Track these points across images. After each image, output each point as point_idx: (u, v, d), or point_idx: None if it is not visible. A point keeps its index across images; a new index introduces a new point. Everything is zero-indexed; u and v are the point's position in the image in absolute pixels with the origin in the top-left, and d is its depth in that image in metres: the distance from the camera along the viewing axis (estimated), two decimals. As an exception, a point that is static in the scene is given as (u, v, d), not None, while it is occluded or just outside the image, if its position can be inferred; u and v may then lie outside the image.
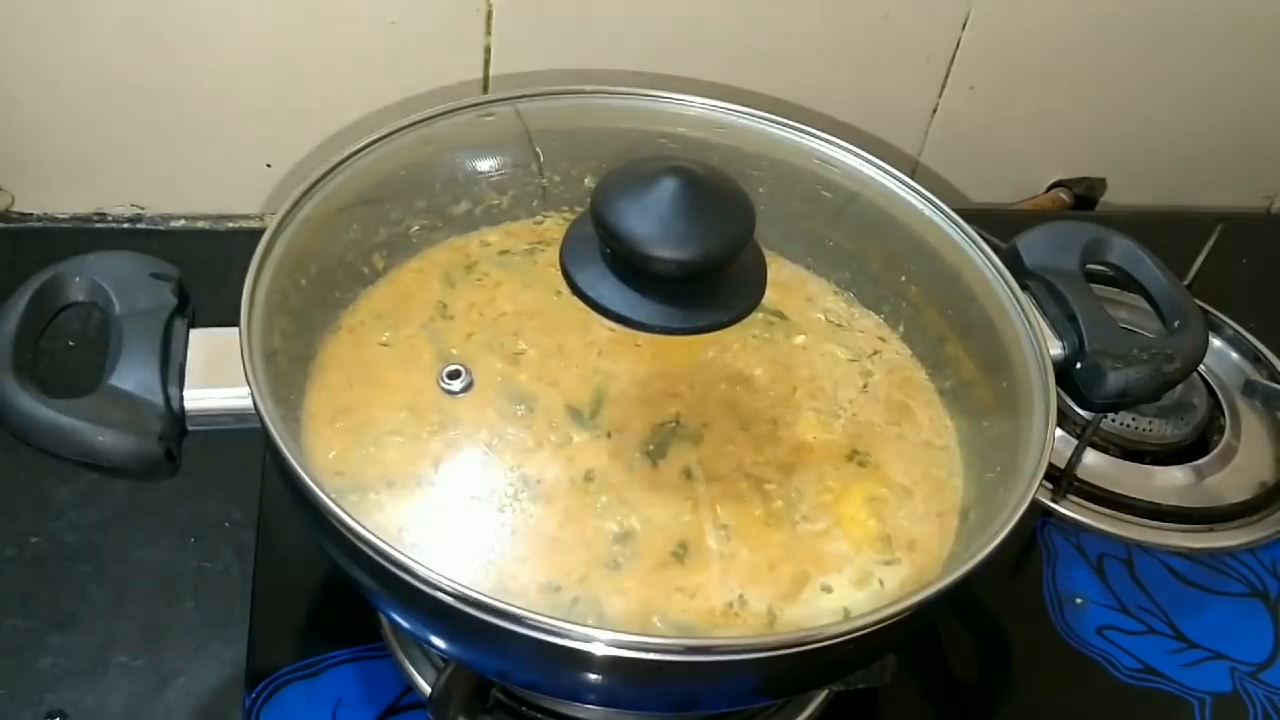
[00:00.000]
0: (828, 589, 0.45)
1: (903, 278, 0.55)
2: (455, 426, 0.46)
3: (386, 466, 0.45)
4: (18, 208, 0.76)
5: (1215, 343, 0.77)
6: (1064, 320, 0.52)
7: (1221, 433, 0.72)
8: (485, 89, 0.75)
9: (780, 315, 0.53)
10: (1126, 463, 0.70)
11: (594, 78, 0.76)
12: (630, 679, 0.42)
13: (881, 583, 0.45)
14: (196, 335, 0.46)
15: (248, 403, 0.44)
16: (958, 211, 0.55)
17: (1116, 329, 0.52)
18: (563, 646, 0.39)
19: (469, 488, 0.45)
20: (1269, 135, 0.92)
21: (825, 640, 0.40)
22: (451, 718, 0.48)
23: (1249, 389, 0.75)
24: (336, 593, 0.57)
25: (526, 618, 0.39)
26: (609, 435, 0.46)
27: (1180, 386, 0.68)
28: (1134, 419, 0.70)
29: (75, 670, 0.55)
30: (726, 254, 0.46)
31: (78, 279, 0.46)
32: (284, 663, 0.55)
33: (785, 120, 0.58)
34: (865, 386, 0.51)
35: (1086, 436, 0.67)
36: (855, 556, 0.46)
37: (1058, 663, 0.60)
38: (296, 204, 0.50)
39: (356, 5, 0.71)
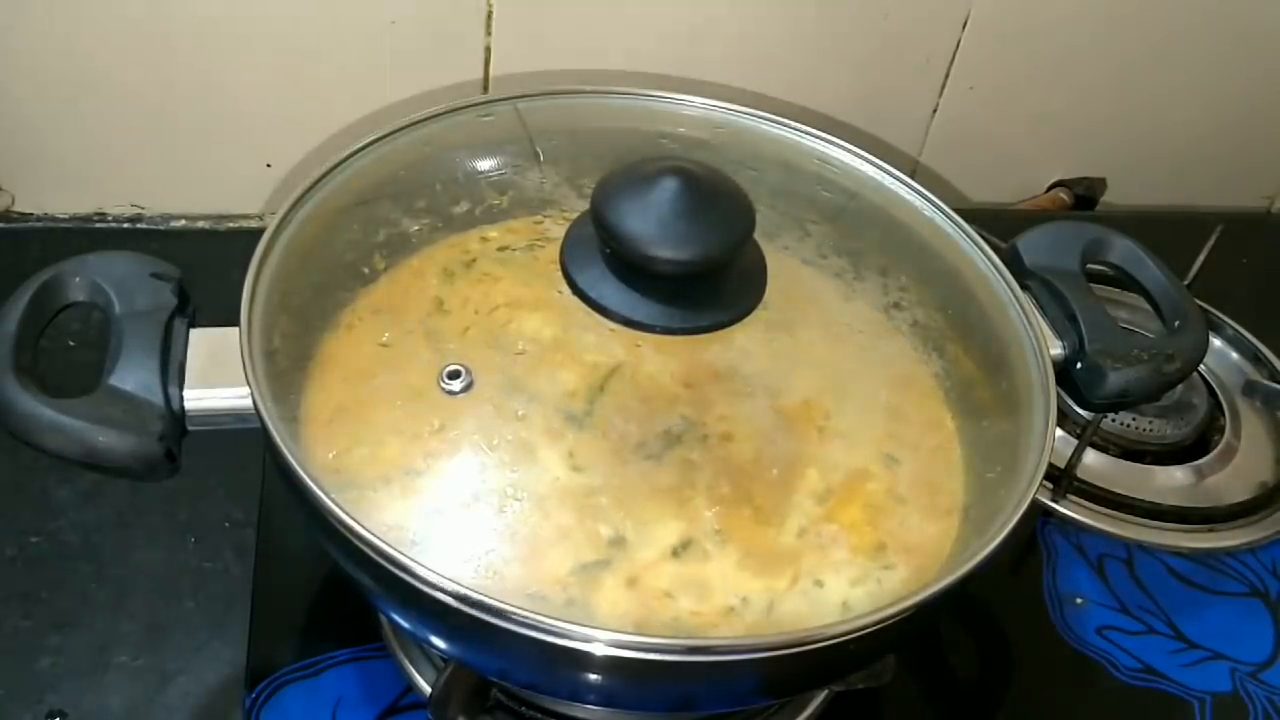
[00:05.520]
0: (827, 590, 0.45)
1: (903, 277, 0.55)
2: (454, 426, 0.46)
3: (386, 466, 0.45)
4: (18, 208, 0.76)
5: (1215, 343, 0.77)
6: (1064, 320, 0.52)
7: (1221, 433, 0.72)
8: (485, 89, 0.75)
9: (780, 315, 0.53)
10: (1126, 463, 0.70)
11: (594, 78, 0.76)
12: (630, 679, 0.42)
13: (881, 583, 0.45)
14: (196, 335, 0.46)
15: (248, 402, 0.44)
16: (958, 211, 0.55)
17: (1116, 329, 0.52)
18: (563, 646, 0.39)
19: (468, 487, 0.45)
20: (1269, 136, 0.92)
21: (825, 640, 0.40)
22: (451, 718, 0.48)
23: (1249, 389, 0.75)
24: (336, 593, 0.57)
25: (526, 618, 0.39)
26: (608, 436, 0.46)
27: (1180, 386, 0.68)
28: (1134, 419, 0.70)
29: (75, 670, 0.55)
30: (726, 254, 0.46)
31: (78, 279, 0.46)
32: (284, 663, 0.55)
33: (785, 120, 0.58)
34: (865, 386, 0.51)
35: (1086, 436, 0.67)
36: (855, 556, 0.46)
37: (1058, 663, 0.60)
38: (296, 204, 0.50)
39: (356, 5, 0.71)
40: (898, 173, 0.57)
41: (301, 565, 0.58)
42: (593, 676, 0.42)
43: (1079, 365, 0.52)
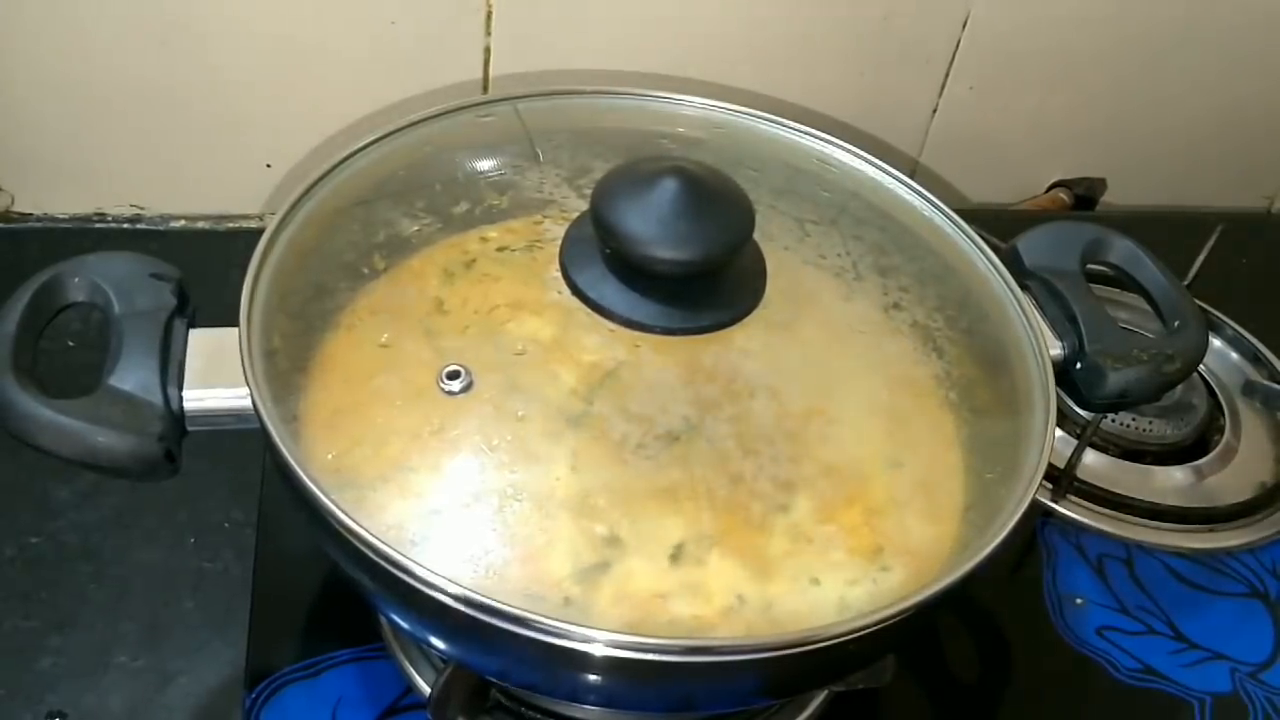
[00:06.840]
0: (826, 589, 0.45)
1: (902, 278, 0.55)
2: (454, 426, 0.46)
3: (386, 466, 0.45)
4: (18, 208, 0.76)
5: (1215, 343, 0.77)
6: (1064, 320, 0.52)
7: (1221, 433, 0.72)
8: (485, 89, 0.75)
9: (780, 315, 0.53)
10: (1126, 463, 0.70)
11: (594, 78, 0.76)
12: (630, 679, 0.42)
13: (880, 583, 0.45)
14: (196, 335, 0.46)
15: (247, 403, 0.44)
16: (958, 211, 0.55)
17: (1116, 329, 0.52)
18: (562, 647, 0.39)
19: (468, 487, 0.45)
20: (1269, 136, 0.92)
21: (825, 640, 0.40)
22: (451, 718, 0.48)
23: (1249, 389, 0.75)
24: (336, 593, 0.57)
25: (526, 618, 0.39)
26: (607, 436, 0.46)
27: (1180, 387, 0.68)
28: (1134, 419, 0.70)
29: (75, 670, 0.55)
30: (726, 254, 0.46)
31: (78, 279, 0.46)
32: (284, 663, 0.55)
33: (785, 120, 0.58)
34: (865, 386, 0.51)
35: (1086, 436, 0.67)
36: (854, 557, 0.46)
37: (1058, 663, 0.60)
38: (296, 204, 0.50)
39: (356, 5, 0.71)
40: (898, 173, 0.57)
41: (301, 565, 0.58)
42: (592, 677, 0.42)
43: (1079, 365, 0.52)
